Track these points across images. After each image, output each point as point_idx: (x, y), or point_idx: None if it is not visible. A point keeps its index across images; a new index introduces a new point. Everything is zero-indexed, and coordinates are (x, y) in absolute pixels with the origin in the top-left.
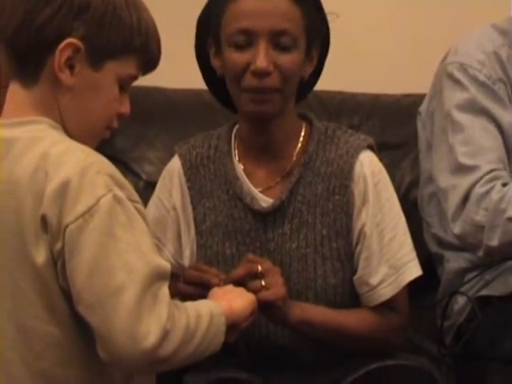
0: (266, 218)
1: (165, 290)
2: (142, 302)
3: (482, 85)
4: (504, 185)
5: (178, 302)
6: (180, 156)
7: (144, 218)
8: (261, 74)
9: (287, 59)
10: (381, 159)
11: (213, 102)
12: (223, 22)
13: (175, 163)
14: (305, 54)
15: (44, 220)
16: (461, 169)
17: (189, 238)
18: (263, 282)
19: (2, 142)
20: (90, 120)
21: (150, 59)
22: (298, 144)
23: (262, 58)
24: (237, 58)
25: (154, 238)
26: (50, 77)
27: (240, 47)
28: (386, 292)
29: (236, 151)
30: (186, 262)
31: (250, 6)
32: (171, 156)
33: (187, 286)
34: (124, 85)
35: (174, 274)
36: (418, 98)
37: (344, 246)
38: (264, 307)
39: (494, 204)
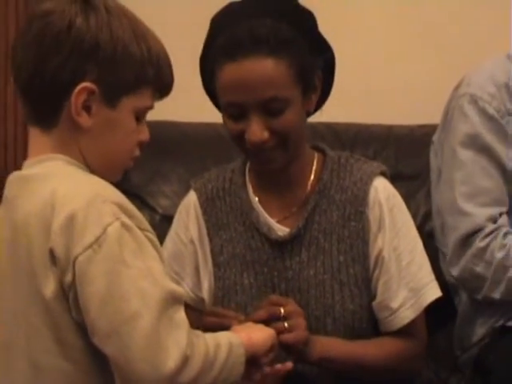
0: (283, 246)
1: (181, 315)
2: (159, 328)
3: (490, 119)
4: (505, 235)
5: (196, 331)
6: (196, 190)
7: (155, 246)
8: (256, 145)
9: (282, 122)
10: (395, 188)
11: (227, 135)
12: (216, 88)
13: (191, 197)
14: (303, 96)
15: (52, 254)
16: (459, 212)
17: (206, 271)
18: (286, 324)
19: (20, 180)
20: (113, 155)
21: (163, 86)
22: (311, 174)
23: (253, 131)
24: (232, 127)
25: (171, 271)
26: (68, 120)
27: (234, 118)
28: (408, 315)
29: (250, 183)
30: (205, 294)
31: (234, 79)
32: (187, 190)
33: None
34: (140, 115)
35: (194, 307)
36: (432, 129)
37: (361, 272)
38: (285, 347)
39: (498, 261)
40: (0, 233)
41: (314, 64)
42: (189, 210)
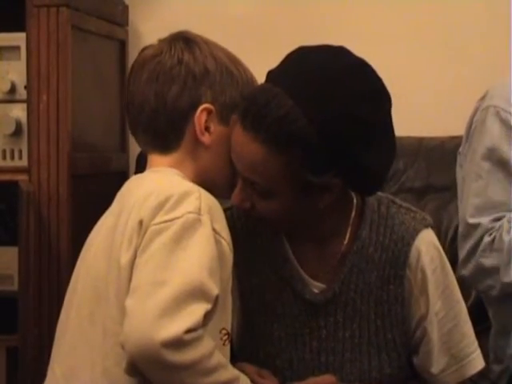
0: (317, 305)
1: (199, 310)
2: (174, 303)
3: (511, 129)
4: (510, 220)
5: (210, 340)
6: None
7: (223, 253)
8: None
9: (263, 205)
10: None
11: None
12: None
13: None
14: (302, 193)
15: (140, 223)
16: (468, 224)
17: (234, 311)
18: None
19: (136, 178)
20: (228, 169)
21: None
22: (348, 226)
23: (235, 195)
24: (236, 179)
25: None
26: (190, 142)
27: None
28: (449, 380)
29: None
30: (234, 334)
31: (233, 139)
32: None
33: None
34: None
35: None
36: None
37: (400, 336)
38: None
39: (508, 243)
40: (108, 219)
41: (328, 168)
42: None
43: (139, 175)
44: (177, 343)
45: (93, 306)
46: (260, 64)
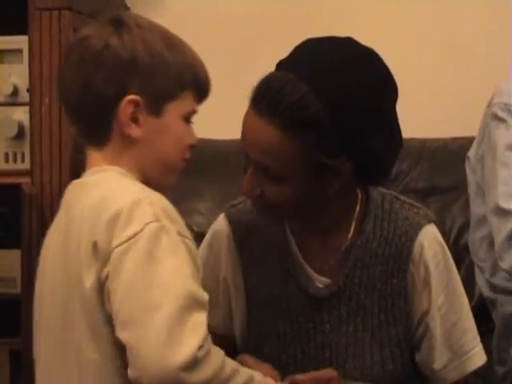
0: (321, 299)
1: (200, 318)
2: (176, 323)
3: None
4: None
5: (216, 347)
6: (230, 223)
7: (192, 253)
8: (247, 197)
9: (274, 190)
10: (443, 234)
11: None
12: None
13: (224, 230)
14: (313, 178)
15: (95, 246)
16: (501, 212)
17: (238, 308)
18: None
19: (77, 185)
20: (166, 159)
21: (203, 89)
22: (352, 220)
23: (245, 183)
24: (244, 165)
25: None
26: (119, 135)
27: (246, 158)
28: (451, 376)
29: (287, 223)
30: (237, 331)
31: (245, 124)
32: (220, 207)
33: None
34: (187, 119)
35: (224, 335)
36: (467, 141)
37: (403, 332)
38: None
39: None
40: (57, 230)
41: (341, 151)
42: (221, 245)
43: (80, 180)
44: (193, 363)
45: (59, 333)
46: (260, 63)
